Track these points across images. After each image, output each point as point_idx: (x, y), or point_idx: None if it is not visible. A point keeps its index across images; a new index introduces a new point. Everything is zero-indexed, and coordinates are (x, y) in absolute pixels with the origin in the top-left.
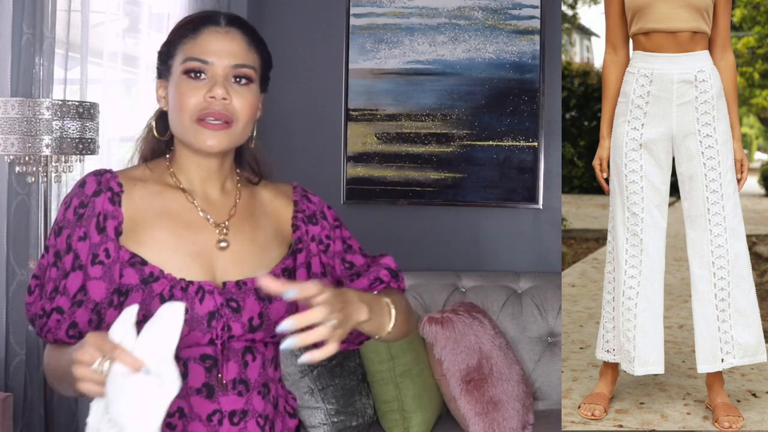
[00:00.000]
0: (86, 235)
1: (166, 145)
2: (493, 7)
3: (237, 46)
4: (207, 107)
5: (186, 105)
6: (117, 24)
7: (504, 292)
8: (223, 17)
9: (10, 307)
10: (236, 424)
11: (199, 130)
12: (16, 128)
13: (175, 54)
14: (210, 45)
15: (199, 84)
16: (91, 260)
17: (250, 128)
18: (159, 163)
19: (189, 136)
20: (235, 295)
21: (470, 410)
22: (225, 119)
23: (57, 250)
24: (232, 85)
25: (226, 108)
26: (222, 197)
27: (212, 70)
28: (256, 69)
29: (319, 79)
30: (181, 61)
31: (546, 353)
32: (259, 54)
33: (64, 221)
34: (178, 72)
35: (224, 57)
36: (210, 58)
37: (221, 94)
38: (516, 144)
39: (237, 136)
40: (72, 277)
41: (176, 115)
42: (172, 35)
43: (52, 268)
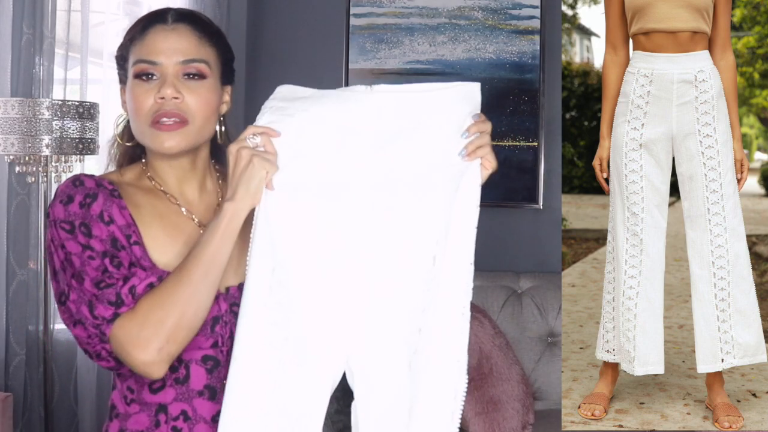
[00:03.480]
0: (111, 219)
1: (140, 150)
2: (493, 7)
3: (185, 42)
4: (159, 108)
5: (140, 109)
6: (117, 24)
7: (504, 292)
8: (171, 14)
9: (10, 307)
10: None
11: (155, 133)
12: (16, 128)
13: (128, 57)
14: (157, 44)
15: (150, 86)
16: (127, 241)
17: (211, 124)
18: (133, 168)
19: (147, 140)
20: (238, 300)
21: (470, 410)
22: (179, 118)
23: (80, 243)
24: (184, 83)
25: (178, 107)
26: (203, 196)
27: (161, 70)
28: (210, 63)
29: (319, 79)
30: (132, 64)
31: (546, 353)
32: (214, 46)
33: (71, 215)
34: (130, 76)
35: (172, 55)
36: (158, 59)
37: (170, 94)
38: (516, 144)
39: (195, 134)
40: (120, 255)
41: (133, 120)
42: (124, 39)
43: (86, 259)
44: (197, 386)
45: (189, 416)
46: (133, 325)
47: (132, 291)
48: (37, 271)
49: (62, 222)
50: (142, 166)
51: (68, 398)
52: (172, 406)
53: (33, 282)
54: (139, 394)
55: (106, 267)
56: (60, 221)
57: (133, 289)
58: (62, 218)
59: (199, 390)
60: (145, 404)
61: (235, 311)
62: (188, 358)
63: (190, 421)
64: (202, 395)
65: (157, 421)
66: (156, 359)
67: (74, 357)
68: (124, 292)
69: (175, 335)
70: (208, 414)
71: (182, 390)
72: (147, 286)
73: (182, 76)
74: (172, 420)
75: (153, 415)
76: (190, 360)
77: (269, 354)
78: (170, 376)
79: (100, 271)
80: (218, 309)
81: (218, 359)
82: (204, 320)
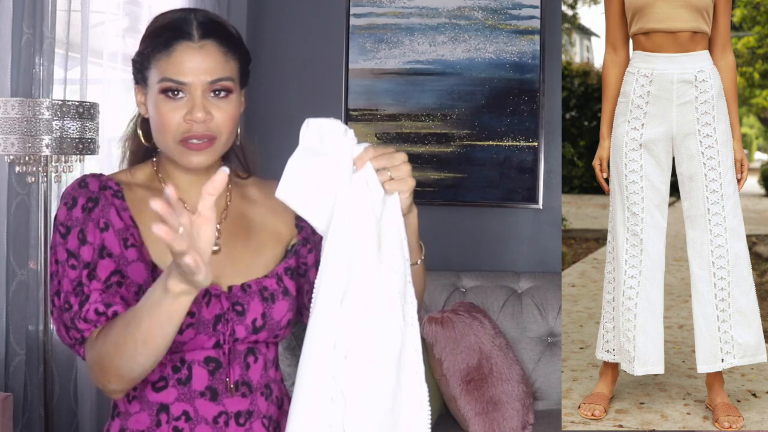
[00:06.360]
0: (108, 224)
1: (152, 147)
2: (493, 7)
3: (212, 61)
4: (189, 129)
5: (168, 126)
6: (117, 24)
7: (504, 292)
8: (196, 29)
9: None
10: (242, 425)
11: (184, 151)
12: (16, 128)
13: (149, 67)
14: (185, 64)
15: (178, 104)
16: (123, 245)
17: (234, 134)
18: (144, 168)
19: (174, 155)
20: (240, 299)
21: (470, 410)
22: (208, 138)
23: (68, 249)
24: (211, 100)
25: (208, 128)
26: None
27: (189, 90)
28: (235, 78)
29: (319, 79)
30: (157, 80)
31: (546, 353)
32: (237, 58)
33: (71, 220)
34: (155, 89)
35: (200, 74)
36: (186, 79)
37: (201, 118)
38: (516, 144)
39: (222, 148)
40: (100, 265)
41: (159, 134)
42: (145, 46)
43: (66, 267)
44: (199, 387)
45: (190, 417)
46: (89, 357)
47: (98, 312)
48: (37, 271)
49: (60, 225)
50: (153, 166)
51: (68, 398)
52: (173, 406)
53: (33, 282)
54: (141, 393)
55: (81, 280)
56: (59, 224)
57: (107, 308)
58: (61, 221)
59: (200, 391)
60: (146, 403)
61: (237, 310)
62: (191, 359)
63: (191, 421)
64: (203, 396)
65: (158, 421)
66: (109, 389)
67: (74, 357)
68: (86, 311)
69: (117, 380)
70: (209, 415)
71: (184, 390)
72: (115, 312)
73: (210, 94)
74: (173, 420)
75: (154, 415)
76: (193, 361)
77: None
78: (172, 376)
79: (73, 285)
80: (221, 307)
81: (220, 361)
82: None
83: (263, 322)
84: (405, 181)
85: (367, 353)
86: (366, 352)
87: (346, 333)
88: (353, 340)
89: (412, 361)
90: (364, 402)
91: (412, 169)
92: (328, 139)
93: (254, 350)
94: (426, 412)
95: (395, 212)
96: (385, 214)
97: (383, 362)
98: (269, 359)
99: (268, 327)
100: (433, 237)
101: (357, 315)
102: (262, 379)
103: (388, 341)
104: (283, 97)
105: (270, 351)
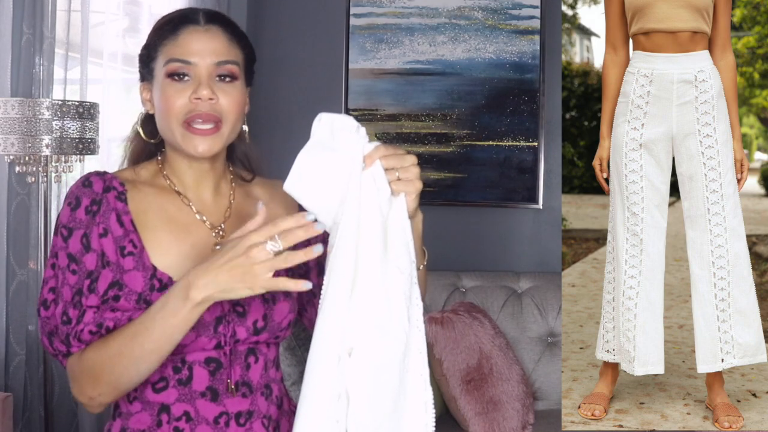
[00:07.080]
0: (107, 231)
1: (155, 147)
2: (493, 7)
3: (218, 44)
4: (194, 109)
5: (172, 108)
6: (117, 24)
7: (504, 292)
8: (202, 14)
9: (10, 307)
10: (242, 425)
11: (189, 136)
12: (16, 128)
13: (156, 56)
14: (191, 45)
15: (183, 86)
16: (120, 253)
17: (239, 125)
18: (148, 166)
19: (178, 141)
20: (241, 301)
21: (470, 410)
22: (213, 120)
23: (70, 253)
24: (217, 84)
25: (213, 108)
26: (216, 198)
27: (195, 71)
28: (240, 64)
29: (319, 79)
30: (164, 64)
31: (546, 353)
32: (242, 48)
33: (74, 222)
34: (161, 75)
35: (206, 56)
36: (192, 58)
37: (207, 95)
38: (516, 144)
39: (227, 137)
40: (102, 276)
41: (163, 119)
42: (152, 37)
43: (66, 273)
44: (200, 387)
45: (191, 417)
46: (76, 369)
47: (91, 333)
48: (37, 271)
49: (63, 227)
50: (158, 164)
51: (68, 398)
52: (174, 406)
53: (33, 282)
54: (141, 393)
55: (81, 288)
56: (61, 226)
57: (99, 328)
58: (64, 223)
59: (201, 391)
60: (147, 403)
61: (237, 311)
62: (192, 359)
63: (192, 422)
64: (204, 396)
65: (159, 421)
66: (88, 403)
67: None
68: (81, 332)
69: (110, 391)
70: (210, 415)
71: (185, 391)
72: (107, 328)
73: (216, 78)
74: (174, 420)
75: (155, 415)
76: (194, 362)
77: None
78: (173, 377)
79: (72, 293)
80: (221, 309)
81: (221, 361)
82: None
83: (264, 324)
84: (412, 183)
85: (370, 353)
86: (368, 351)
87: (351, 331)
88: (357, 339)
89: (416, 363)
90: (364, 401)
91: (420, 172)
92: (339, 135)
93: (255, 350)
94: (430, 415)
95: (401, 214)
96: (392, 215)
97: (385, 363)
98: (270, 359)
99: (269, 328)
100: (433, 237)
101: (362, 314)
102: (262, 379)
103: (392, 342)
104: (283, 97)
105: (271, 351)
